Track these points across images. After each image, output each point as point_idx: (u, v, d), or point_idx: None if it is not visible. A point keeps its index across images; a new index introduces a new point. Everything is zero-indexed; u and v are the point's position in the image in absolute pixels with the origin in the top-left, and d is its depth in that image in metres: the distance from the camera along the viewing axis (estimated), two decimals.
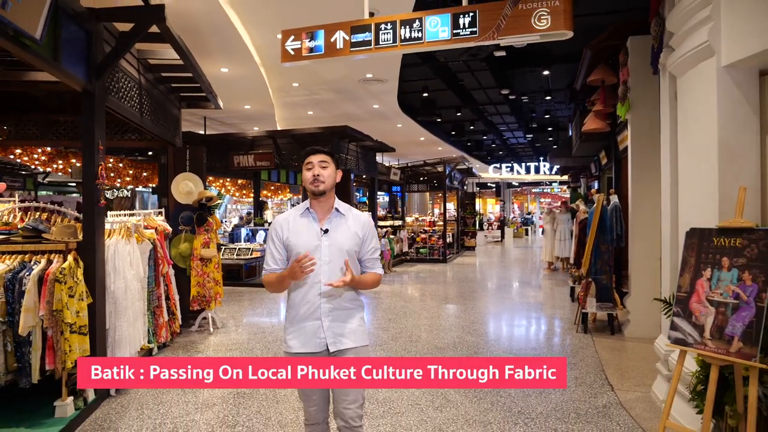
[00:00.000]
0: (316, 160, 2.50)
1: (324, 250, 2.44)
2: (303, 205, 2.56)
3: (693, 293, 3.06)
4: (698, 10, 3.56)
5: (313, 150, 2.55)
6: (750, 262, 2.84)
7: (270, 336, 6.53)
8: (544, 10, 4.00)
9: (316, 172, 2.47)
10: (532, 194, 42.73)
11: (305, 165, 2.52)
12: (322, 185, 2.46)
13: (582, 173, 16.11)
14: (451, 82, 12.94)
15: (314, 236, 2.45)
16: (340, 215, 2.54)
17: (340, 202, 2.58)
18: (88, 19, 4.07)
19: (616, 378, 4.84)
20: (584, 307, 6.67)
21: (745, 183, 3.27)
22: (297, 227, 2.48)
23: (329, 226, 2.48)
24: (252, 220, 14.14)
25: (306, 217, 2.51)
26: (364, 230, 2.55)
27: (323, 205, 2.51)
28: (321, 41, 4.70)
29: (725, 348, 2.81)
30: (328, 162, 2.51)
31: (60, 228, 4.22)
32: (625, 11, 5.83)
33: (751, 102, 3.41)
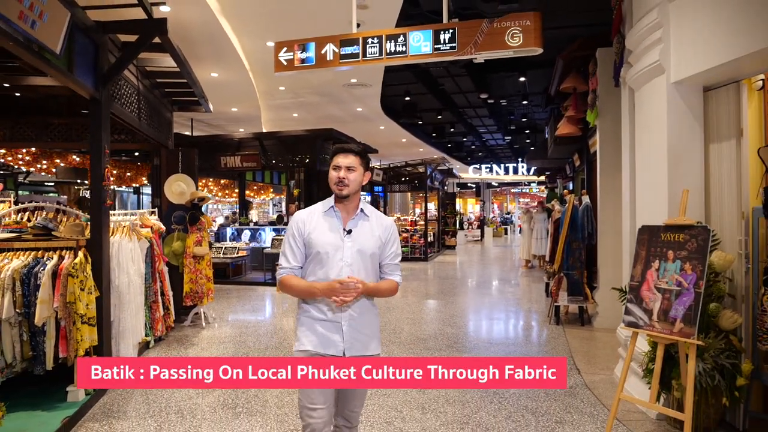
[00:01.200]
0: (345, 162, 2.37)
1: (346, 251, 2.35)
2: (327, 202, 2.45)
3: (644, 282, 3.50)
4: (651, 32, 4.02)
5: (342, 149, 2.42)
6: (690, 254, 3.29)
7: (261, 330, 6.86)
8: (516, 29, 4.43)
9: (342, 176, 2.35)
10: (512, 194, 43.51)
11: (332, 163, 2.40)
12: (346, 189, 2.36)
13: (558, 174, 16.70)
14: (432, 87, 13.37)
15: (337, 236, 2.37)
16: (365, 217, 2.44)
17: (365, 203, 2.50)
18: (96, 32, 4.37)
19: (584, 363, 5.30)
20: (556, 300, 7.14)
21: (690, 186, 3.74)
22: (320, 224, 2.39)
23: (353, 227, 2.39)
24: (237, 220, 14.38)
25: (330, 216, 2.42)
26: (387, 234, 2.47)
27: (348, 205, 2.42)
28: (312, 53, 5.07)
29: (669, 329, 3.26)
30: (356, 166, 2.38)
31: (69, 226, 4.51)
32: (596, 25, 6.29)
33: (696, 114, 3.88)
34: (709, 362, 3.41)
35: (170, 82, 6.62)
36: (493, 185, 38.74)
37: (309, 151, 10.84)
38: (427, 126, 18.71)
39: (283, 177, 16.64)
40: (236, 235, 13.76)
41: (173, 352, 5.79)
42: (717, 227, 3.79)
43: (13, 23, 2.91)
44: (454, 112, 17.07)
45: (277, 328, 7.02)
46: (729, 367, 3.41)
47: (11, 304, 3.94)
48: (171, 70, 6.07)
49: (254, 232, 13.85)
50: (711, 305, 3.50)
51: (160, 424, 3.86)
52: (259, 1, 6.14)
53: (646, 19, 4.09)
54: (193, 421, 3.91)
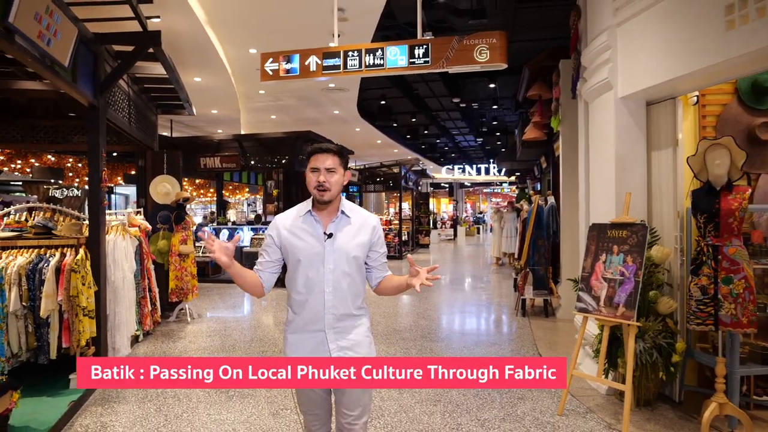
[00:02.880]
0: (324, 165, 2.20)
1: (328, 256, 2.22)
2: (305, 205, 2.30)
3: (593, 273, 4.01)
4: (602, 52, 4.53)
5: (320, 149, 2.25)
6: (631, 248, 3.80)
7: (244, 324, 7.21)
8: (484, 46, 4.90)
9: (322, 179, 2.19)
10: (484, 194, 44.35)
11: (310, 166, 2.24)
12: (327, 194, 2.21)
13: (528, 175, 17.36)
14: (406, 91, 13.84)
15: (317, 241, 2.23)
16: (346, 218, 2.29)
17: (345, 201, 2.34)
18: (95, 43, 4.68)
19: (545, 349, 5.81)
20: (523, 294, 7.66)
21: (634, 189, 4.26)
22: (298, 229, 2.26)
23: (334, 229, 2.25)
24: (215, 219, 14.59)
25: (308, 219, 2.27)
26: (373, 235, 2.33)
27: (328, 208, 2.27)
28: (296, 64, 5.46)
29: (614, 313, 3.76)
30: (336, 167, 2.22)
31: (68, 225, 4.81)
32: (559, 38, 6.81)
33: (640, 126, 4.40)
34: (648, 342, 3.93)
35: (157, 87, 6.91)
36: (466, 185, 39.50)
37: (288, 153, 11.18)
38: (402, 128, 19.20)
39: (260, 177, 16.94)
40: (214, 235, 13.97)
41: (162, 345, 6.10)
42: (657, 225, 4.32)
43: (34, 42, 3.23)
44: (427, 115, 17.59)
45: (260, 323, 7.37)
46: (665, 346, 3.93)
47: (17, 297, 4.24)
48: (159, 77, 6.37)
49: (232, 231, 14.09)
50: (651, 293, 4.02)
51: (159, 407, 4.20)
52: (243, 12, 6.48)
53: (597, 40, 4.60)
54: (189, 404, 4.26)
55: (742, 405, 3.90)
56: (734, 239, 3.48)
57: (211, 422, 3.92)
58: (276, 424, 3.88)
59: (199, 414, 4.07)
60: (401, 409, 4.13)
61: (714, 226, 3.52)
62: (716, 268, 3.51)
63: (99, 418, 4.00)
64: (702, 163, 3.61)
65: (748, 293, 3.43)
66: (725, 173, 3.53)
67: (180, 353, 5.75)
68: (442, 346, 6.00)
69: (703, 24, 3.53)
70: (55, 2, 3.43)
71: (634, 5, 4.15)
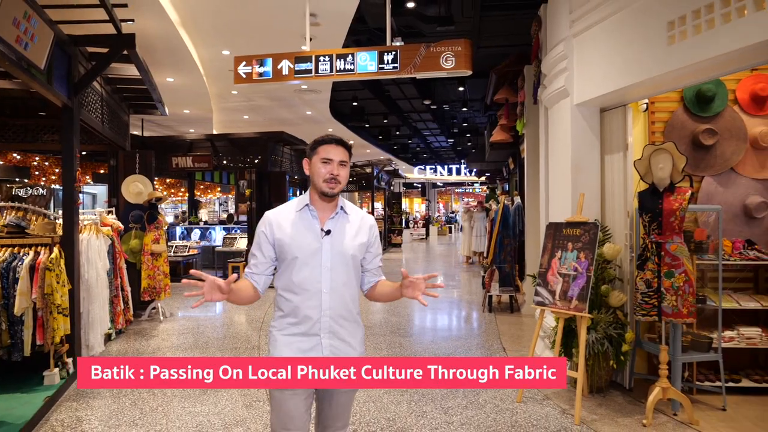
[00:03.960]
0: (338, 157, 2.12)
1: (325, 254, 2.13)
2: (301, 200, 2.20)
3: (549, 269, 4.28)
4: (559, 61, 4.82)
5: (333, 140, 2.15)
6: (584, 245, 4.08)
7: (217, 322, 7.31)
8: (450, 54, 5.14)
9: (336, 172, 2.11)
10: (456, 194, 44.92)
11: (320, 155, 2.13)
12: (338, 188, 2.13)
13: (497, 176, 17.79)
14: (378, 93, 14.06)
15: (314, 238, 2.13)
16: (345, 215, 2.21)
17: (344, 200, 2.27)
18: (69, 45, 4.75)
19: (509, 343, 6.09)
20: (489, 290, 7.95)
21: (589, 190, 4.56)
22: (294, 226, 2.15)
23: (332, 226, 2.16)
24: (187, 219, 14.55)
25: (305, 215, 2.17)
26: (370, 234, 2.26)
27: (328, 204, 2.18)
28: (269, 67, 5.61)
29: (568, 305, 4.04)
30: (347, 161, 2.16)
31: (42, 224, 4.87)
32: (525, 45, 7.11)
33: (594, 131, 4.70)
34: (600, 333, 4.21)
35: (129, 87, 6.96)
36: (438, 185, 39.96)
37: (260, 153, 11.27)
38: (374, 129, 19.41)
39: (232, 177, 16.93)
40: (186, 234, 13.95)
41: (135, 343, 6.17)
42: (610, 224, 4.63)
43: (12, 46, 3.33)
44: (399, 116, 17.84)
45: (233, 321, 7.48)
46: (616, 337, 4.23)
47: None
48: (132, 77, 6.43)
49: (204, 231, 14.08)
50: (603, 287, 4.31)
51: (134, 401, 4.31)
52: (216, 14, 6.58)
53: (555, 50, 4.89)
54: (164, 398, 4.38)
55: (686, 390, 4.23)
56: (675, 237, 3.79)
57: (186, 414, 4.05)
58: (249, 414, 4.03)
59: (173, 407, 4.20)
60: (369, 399, 4.33)
61: (657, 225, 3.82)
62: (659, 263, 3.81)
63: (74, 413, 4.09)
64: (647, 167, 3.91)
65: (688, 286, 3.74)
66: (668, 176, 3.83)
67: (153, 351, 5.84)
68: (412, 341, 6.22)
69: (648, 38, 3.82)
70: (33, 7, 3.52)
71: (588, 18, 4.44)
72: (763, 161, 4.70)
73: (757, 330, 4.35)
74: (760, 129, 4.61)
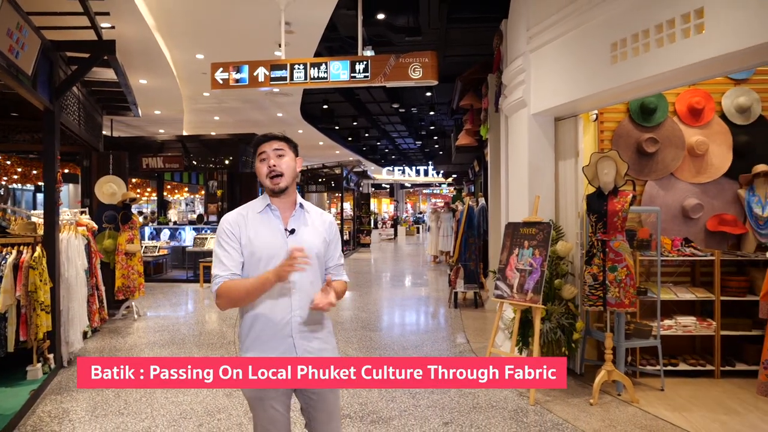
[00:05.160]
0: (270, 148, 2.10)
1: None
2: (261, 201, 2.17)
3: (508, 265, 4.67)
4: (518, 74, 5.23)
5: (265, 137, 2.15)
6: (539, 243, 4.49)
7: (191, 319, 7.50)
8: (417, 64, 5.50)
9: (272, 163, 2.09)
10: (424, 195, 45.50)
11: (258, 156, 2.13)
12: (282, 181, 2.10)
13: (464, 177, 18.32)
14: (348, 96, 14.36)
15: (278, 237, 2.10)
16: (305, 212, 2.20)
17: (300, 197, 2.25)
18: (52, 50, 4.91)
19: (473, 336, 6.49)
20: (455, 287, 8.36)
21: (544, 193, 4.97)
22: (256, 226, 2.11)
23: (295, 225, 2.14)
24: (156, 219, 14.55)
25: (266, 215, 2.14)
26: (330, 231, 2.25)
27: (285, 200, 2.16)
28: (246, 74, 5.86)
29: (524, 298, 4.44)
30: (284, 149, 2.12)
31: (23, 224, 5.01)
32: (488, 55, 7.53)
33: (549, 139, 5.12)
34: (554, 322, 4.63)
35: (104, 90, 7.09)
36: (407, 186, 40.45)
37: (231, 154, 11.45)
38: (344, 130, 19.69)
39: (201, 177, 16.96)
40: (155, 235, 13.96)
41: (112, 340, 6.32)
42: (563, 224, 5.05)
43: (5, 55, 3.52)
44: (368, 119, 18.18)
45: (206, 318, 7.67)
46: (567, 326, 4.65)
47: None
48: (108, 80, 6.58)
49: (173, 231, 14.11)
50: (556, 281, 4.73)
51: (117, 393, 4.51)
52: (192, 20, 6.78)
53: (514, 63, 5.30)
54: (146, 389, 4.60)
55: (630, 373, 4.69)
56: (618, 235, 4.22)
57: (169, 404, 4.28)
58: (230, 402, 4.29)
59: (157, 397, 4.42)
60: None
61: (603, 224, 4.25)
62: (604, 258, 4.24)
63: (60, 405, 4.27)
64: (594, 172, 4.34)
65: (629, 279, 4.18)
66: (612, 180, 4.26)
67: (131, 347, 6.01)
68: (381, 335, 6.55)
69: (595, 56, 4.25)
70: (24, 18, 3.71)
71: (543, 36, 4.86)
72: (698, 167, 5.21)
73: (693, 319, 4.85)
74: (696, 138, 5.11)
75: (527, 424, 3.86)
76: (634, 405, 4.20)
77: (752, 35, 3.05)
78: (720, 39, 3.23)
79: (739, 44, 3.13)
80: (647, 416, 4.00)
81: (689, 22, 3.41)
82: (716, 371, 4.81)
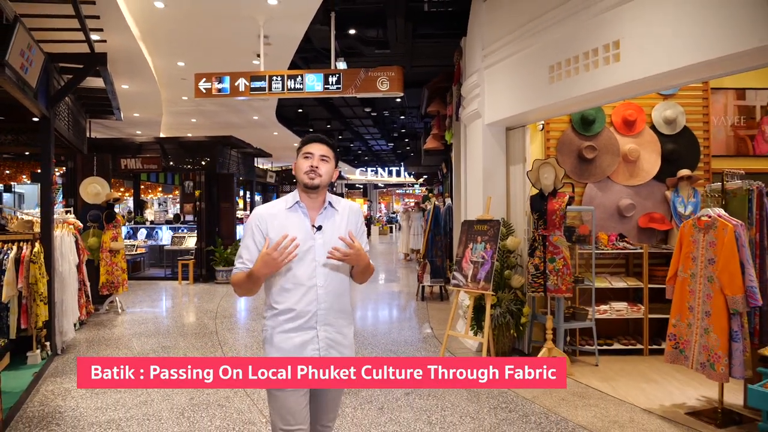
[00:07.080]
0: (318, 152, 2.20)
1: (318, 249, 2.17)
2: (291, 197, 2.25)
3: (464, 257, 5.30)
4: (474, 88, 5.87)
5: (317, 138, 2.25)
6: (490, 238, 5.13)
7: (174, 313, 7.95)
8: (385, 78, 6.09)
9: (315, 164, 2.18)
10: (397, 195, 46.19)
11: (302, 153, 2.22)
12: (318, 179, 2.18)
13: (434, 178, 19.02)
14: (322, 100, 14.87)
15: (306, 234, 2.17)
16: (333, 209, 2.27)
17: (331, 195, 2.32)
18: (48, 62, 5.34)
19: (437, 324, 7.11)
20: (422, 281, 8.99)
21: (496, 194, 5.62)
22: (284, 222, 2.18)
23: (323, 222, 2.21)
24: (133, 219, 14.82)
25: (295, 212, 2.21)
26: (355, 219, 2.31)
27: (315, 199, 2.24)
28: (227, 84, 6.36)
29: (477, 286, 5.07)
30: (329, 157, 2.23)
31: (21, 223, 5.43)
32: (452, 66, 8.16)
33: (501, 146, 5.77)
34: (503, 308, 5.27)
35: (90, 96, 7.49)
36: (380, 186, 41.06)
37: (209, 155, 11.86)
38: (318, 132, 20.14)
39: (177, 177, 17.25)
40: (132, 234, 14.25)
41: (100, 331, 6.74)
42: (513, 221, 5.71)
43: (17, 72, 3.98)
44: (342, 122, 18.71)
45: (188, 312, 8.13)
46: (516, 311, 5.30)
47: None
48: (95, 87, 6.99)
49: (150, 230, 14.42)
50: (506, 272, 5.38)
51: None
52: (175, 31, 7.22)
53: (471, 78, 5.94)
54: None
55: (570, 352, 5.36)
56: (557, 231, 4.88)
57: None
58: None
59: None
60: None
61: (543, 222, 4.91)
62: (545, 251, 4.90)
63: (61, 385, 4.73)
64: (537, 176, 5.00)
65: (566, 269, 4.85)
66: (552, 183, 4.92)
67: (118, 338, 6.45)
68: (355, 324, 7.10)
69: (536, 76, 4.91)
70: (32, 38, 4.17)
71: (496, 55, 5.50)
72: (631, 171, 5.92)
73: (624, 304, 5.55)
74: (629, 146, 5.82)
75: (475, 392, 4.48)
76: (570, 377, 4.87)
77: (658, 64, 3.72)
78: (632, 66, 3.90)
79: (648, 71, 3.80)
80: (579, 385, 4.67)
81: (609, 52, 4.08)
82: (645, 349, 5.52)
